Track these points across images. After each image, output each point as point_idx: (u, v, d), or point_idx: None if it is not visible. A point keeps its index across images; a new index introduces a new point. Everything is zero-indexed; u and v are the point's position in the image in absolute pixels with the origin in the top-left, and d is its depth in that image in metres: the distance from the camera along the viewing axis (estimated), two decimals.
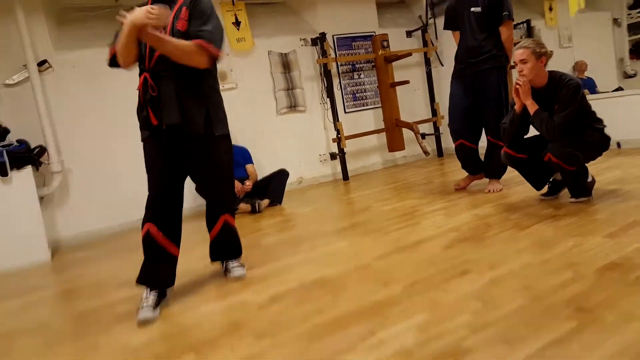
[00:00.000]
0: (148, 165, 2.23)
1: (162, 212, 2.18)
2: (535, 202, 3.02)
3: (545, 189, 3.06)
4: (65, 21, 4.63)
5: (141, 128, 2.22)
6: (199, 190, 2.53)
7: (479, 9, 3.45)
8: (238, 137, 4.84)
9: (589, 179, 2.82)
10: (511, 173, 3.54)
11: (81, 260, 3.59)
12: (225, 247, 2.47)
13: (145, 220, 2.17)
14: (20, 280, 3.27)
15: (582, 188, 2.81)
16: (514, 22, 3.54)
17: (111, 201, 4.44)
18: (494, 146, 3.51)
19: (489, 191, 3.52)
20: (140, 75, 2.15)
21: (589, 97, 4.55)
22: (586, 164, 2.79)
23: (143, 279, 2.18)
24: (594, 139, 2.76)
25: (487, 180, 3.65)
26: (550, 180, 3.02)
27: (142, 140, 2.25)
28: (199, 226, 2.56)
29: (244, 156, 4.65)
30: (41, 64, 4.26)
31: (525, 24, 5.93)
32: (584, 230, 2.33)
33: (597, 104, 3.31)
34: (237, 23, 5.19)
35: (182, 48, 2.02)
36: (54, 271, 3.46)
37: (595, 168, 2.94)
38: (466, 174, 3.82)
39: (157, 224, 2.16)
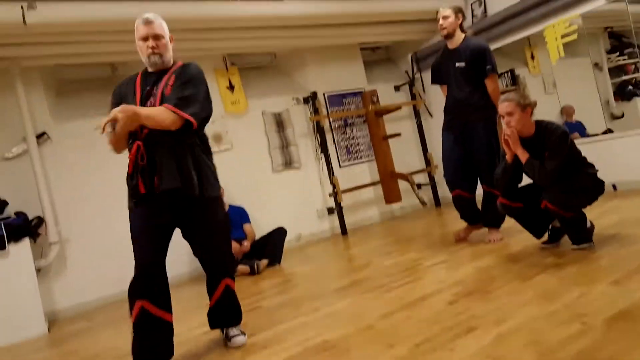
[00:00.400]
0: (135, 233, 2.21)
1: (152, 282, 2.16)
2: (537, 250, 2.99)
3: (546, 236, 3.04)
4: (64, 93, 4.74)
5: (130, 196, 2.23)
6: (196, 254, 2.52)
7: (462, 64, 3.54)
8: (235, 196, 4.85)
9: (588, 225, 2.82)
10: (511, 221, 3.53)
11: (79, 333, 3.49)
12: (225, 314, 2.41)
13: (137, 296, 2.12)
14: (16, 356, 3.17)
15: (582, 233, 2.80)
16: (499, 73, 3.65)
17: (108, 270, 4.35)
18: (489, 195, 3.51)
19: (490, 241, 3.50)
20: (132, 143, 2.19)
21: (580, 140, 4.64)
22: (583, 209, 2.80)
23: (140, 355, 2.11)
24: (588, 183, 2.78)
25: (487, 229, 3.64)
26: (550, 227, 3.01)
27: (128, 209, 2.25)
28: (198, 291, 2.52)
29: (241, 216, 4.64)
30: (40, 135, 4.32)
31: (509, 73, 6.12)
32: (588, 278, 2.30)
33: (590, 147, 3.36)
34: (231, 87, 5.35)
35: (155, 114, 2.09)
36: (51, 345, 3.36)
37: (593, 213, 2.93)
38: (466, 223, 3.81)
39: (150, 299, 2.12)
